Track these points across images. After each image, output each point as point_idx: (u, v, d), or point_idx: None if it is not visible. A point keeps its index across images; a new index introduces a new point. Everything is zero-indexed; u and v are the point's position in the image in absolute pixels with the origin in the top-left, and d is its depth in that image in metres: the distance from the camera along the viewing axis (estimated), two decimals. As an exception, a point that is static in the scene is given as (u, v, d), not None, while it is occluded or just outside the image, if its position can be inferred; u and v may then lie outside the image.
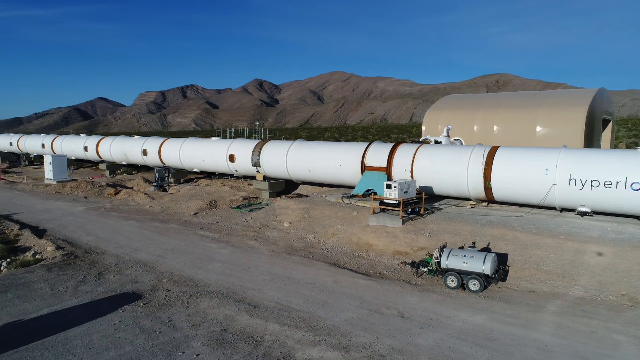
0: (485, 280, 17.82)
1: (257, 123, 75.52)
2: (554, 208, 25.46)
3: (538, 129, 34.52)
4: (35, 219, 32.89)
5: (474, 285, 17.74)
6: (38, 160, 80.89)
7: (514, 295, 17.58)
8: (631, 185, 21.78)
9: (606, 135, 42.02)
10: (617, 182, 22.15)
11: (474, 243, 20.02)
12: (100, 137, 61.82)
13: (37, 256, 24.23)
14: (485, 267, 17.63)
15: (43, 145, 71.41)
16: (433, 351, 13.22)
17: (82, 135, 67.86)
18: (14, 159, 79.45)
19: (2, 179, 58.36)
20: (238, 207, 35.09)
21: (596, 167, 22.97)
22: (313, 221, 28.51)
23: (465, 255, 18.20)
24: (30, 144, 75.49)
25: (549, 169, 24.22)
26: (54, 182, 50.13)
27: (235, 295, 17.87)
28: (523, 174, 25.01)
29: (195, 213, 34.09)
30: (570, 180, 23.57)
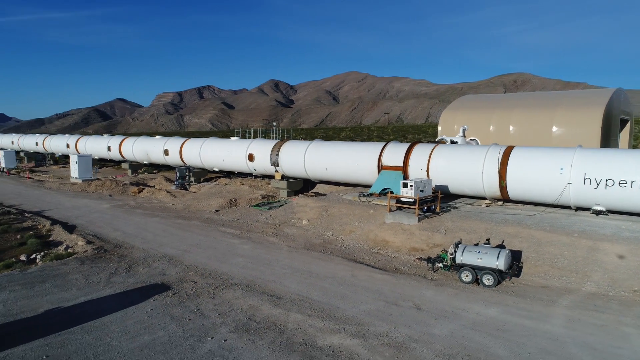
0: (499, 276, 18.38)
1: (275, 123, 76.63)
2: (569, 207, 25.80)
3: (554, 129, 34.73)
4: (65, 216, 34.39)
5: (488, 280, 18.32)
6: (62, 159, 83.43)
7: (527, 290, 18.11)
8: (646, 184, 22.06)
9: (624, 135, 41.88)
10: (631, 182, 22.44)
11: (488, 240, 20.56)
12: (123, 137, 63.63)
13: (68, 250, 25.55)
14: (499, 262, 18.19)
15: (67, 146, 73.67)
16: (448, 340, 13.90)
17: (105, 136, 69.88)
18: (40, 159, 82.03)
19: (30, 178, 60.56)
20: (257, 205, 36.09)
21: (611, 167, 23.28)
22: (331, 219, 29.32)
23: (479, 252, 18.78)
24: (55, 144, 77.91)
25: (563, 168, 24.58)
26: (80, 181, 51.94)
27: (258, 287, 18.79)
28: (538, 173, 25.41)
29: (217, 211, 35.19)
30: (585, 179, 23.91)
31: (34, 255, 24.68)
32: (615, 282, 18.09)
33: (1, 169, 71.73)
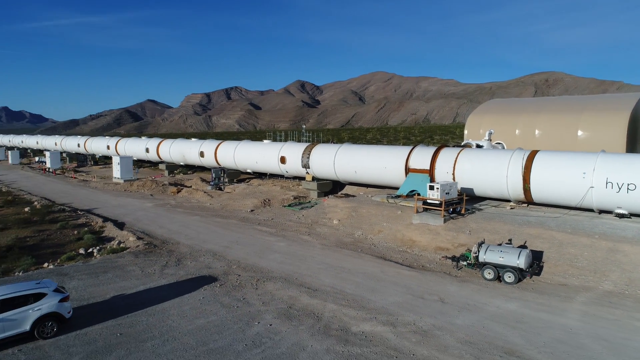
0: (520, 274, 19.70)
1: (304, 126, 78.69)
2: (592, 210, 26.69)
3: (580, 133, 35.39)
4: (113, 214, 37.23)
5: (509, 277, 19.67)
6: (102, 160, 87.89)
7: (546, 288, 19.38)
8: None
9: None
10: (653, 186, 23.25)
11: (510, 240, 21.86)
12: (160, 139, 66.87)
13: (121, 245, 28.11)
14: (520, 261, 19.52)
15: (108, 147, 77.72)
16: (469, 329, 15.42)
17: (143, 138, 73.41)
18: (82, 159, 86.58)
19: (75, 177, 64.50)
20: (290, 205, 38.09)
21: (632, 171, 24.12)
22: (360, 219, 31.01)
23: (501, 251, 20.14)
24: (96, 145, 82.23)
25: (586, 172, 25.53)
26: (122, 181, 55.23)
27: (295, 280, 20.68)
28: (561, 177, 26.40)
29: (252, 210, 37.36)
30: (607, 183, 24.82)
31: (91, 249, 27.34)
32: (632, 281, 19.15)
33: (47, 169, 76.37)
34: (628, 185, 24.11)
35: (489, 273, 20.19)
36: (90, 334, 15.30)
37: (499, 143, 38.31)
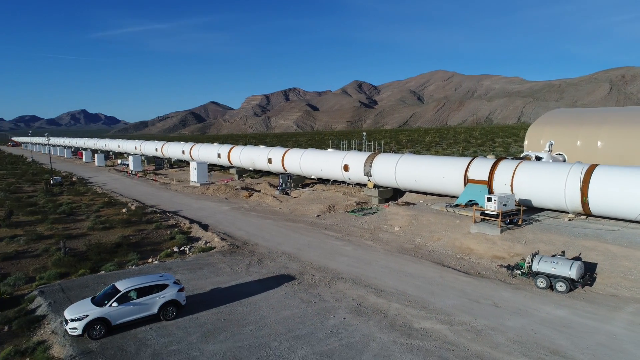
0: (571, 284, 21.31)
1: (365, 133, 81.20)
2: (651, 224, 27.27)
3: (644, 145, 35.38)
4: (196, 215, 42.00)
5: (560, 286, 21.34)
6: (177, 163, 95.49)
7: (597, 298, 20.86)
8: None
9: None
10: None
11: (563, 252, 23.38)
12: (231, 146, 72.22)
13: (208, 244, 32.36)
14: (572, 272, 21.14)
15: (183, 152, 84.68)
16: (519, 331, 17.53)
17: (215, 144, 79.35)
18: (159, 163, 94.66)
19: (156, 180, 71.38)
20: (353, 211, 40.98)
21: (693, 188, 24.64)
22: (420, 226, 33.29)
23: (554, 262, 21.83)
24: (172, 150, 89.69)
25: (645, 188, 26.24)
26: (198, 185, 60.79)
27: (362, 281, 23.55)
28: (619, 191, 27.24)
29: (318, 215, 40.67)
30: (666, 199, 25.46)
31: (183, 248, 31.81)
32: (684, 295, 20.18)
33: (131, 172, 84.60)
34: (688, 201, 24.65)
35: (542, 282, 21.94)
36: (201, 318, 19.07)
37: (560, 154, 38.94)
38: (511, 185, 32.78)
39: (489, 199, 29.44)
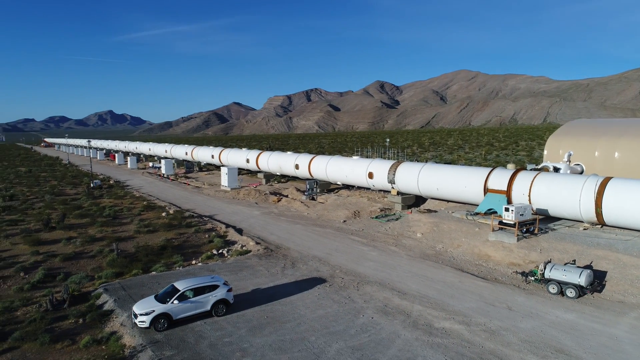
0: (580, 290, 23.24)
1: (388, 139, 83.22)
2: (663, 234, 28.79)
3: (661, 157, 36.63)
4: (230, 220, 45.03)
5: (570, 292, 23.30)
6: (206, 166, 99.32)
7: (604, 303, 22.75)
8: None
9: None
10: None
11: (574, 260, 25.28)
12: (259, 151, 75.35)
13: (244, 248, 35.23)
14: (581, 279, 23.07)
15: (212, 156, 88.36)
16: (529, 332, 19.67)
17: (243, 150, 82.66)
18: (189, 166, 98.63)
19: (189, 184, 75.08)
20: (377, 217, 43.32)
21: (701, 202, 26.14)
22: (441, 233, 35.44)
23: (564, 270, 23.79)
24: (202, 154, 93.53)
25: (656, 200, 27.83)
26: (229, 189, 64.05)
27: (387, 285, 25.94)
28: (631, 204, 28.86)
29: (344, 221, 43.17)
30: (676, 211, 27.02)
31: (221, 251, 34.75)
32: (686, 302, 21.91)
33: (163, 175, 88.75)
34: (697, 214, 26.18)
35: (553, 288, 23.92)
36: (247, 315, 21.84)
37: (578, 164, 40.45)
38: (529, 196, 34.59)
39: (507, 209, 31.40)
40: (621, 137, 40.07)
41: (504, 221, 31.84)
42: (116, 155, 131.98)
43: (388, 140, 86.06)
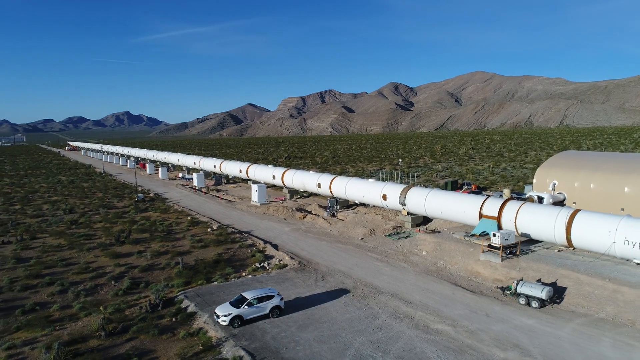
0: (542, 302, 30.97)
1: (400, 160, 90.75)
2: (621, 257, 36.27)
3: (626, 189, 43.90)
4: (266, 236, 53.45)
5: (534, 304, 31.05)
6: (232, 178, 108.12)
7: (559, 312, 30.47)
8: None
9: None
10: (655, 246, 32.68)
11: (539, 279, 32.99)
12: (284, 169, 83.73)
13: (281, 262, 43.53)
14: (542, 294, 30.81)
15: (240, 171, 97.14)
16: (498, 332, 27.52)
17: (269, 166, 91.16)
18: (218, 178, 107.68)
19: (222, 198, 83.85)
20: (390, 235, 51.32)
21: (644, 234, 33.56)
22: (442, 252, 43.31)
23: (531, 286, 31.55)
24: (230, 168, 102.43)
25: (610, 231, 35.36)
26: (259, 204, 72.62)
27: (397, 295, 33.98)
28: (593, 233, 36.35)
29: (362, 238, 51.26)
30: (625, 241, 34.52)
31: (262, 264, 43.10)
32: (619, 313, 29.51)
33: (196, 188, 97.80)
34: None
35: (522, 300, 31.70)
36: (294, 318, 30.11)
37: (561, 193, 47.94)
38: (515, 222, 42.25)
39: (494, 235, 39.17)
40: (596, 171, 47.42)
41: (492, 244, 39.60)
42: (147, 165, 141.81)
43: (400, 160, 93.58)
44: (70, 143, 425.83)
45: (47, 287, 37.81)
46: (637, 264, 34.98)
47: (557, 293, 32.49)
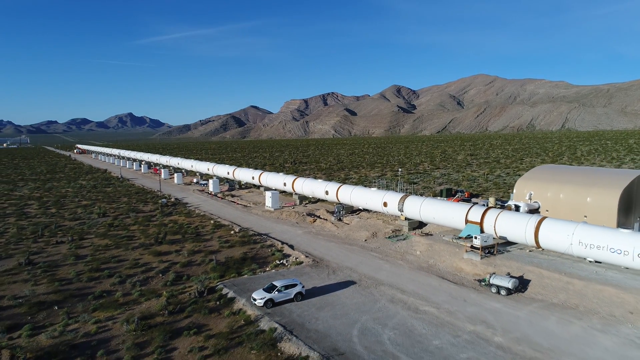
0: (509, 291, 39.12)
1: (400, 170, 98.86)
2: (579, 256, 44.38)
3: (588, 199, 52.04)
4: (282, 238, 61.67)
5: (503, 292, 39.21)
6: (245, 184, 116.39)
7: (521, 299, 38.60)
8: (610, 250, 40.39)
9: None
10: (604, 246, 40.80)
11: (508, 273, 41.19)
12: (294, 176, 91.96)
13: (297, 260, 51.72)
14: (509, 285, 38.96)
15: (252, 177, 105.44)
16: (472, 313, 35.65)
17: (280, 174, 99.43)
18: (232, 184, 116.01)
19: (238, 203, 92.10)
20: (389, 237, 59.49)
21: (595, 238, 41.64)
22: (434, 252, 51.48)
23: (501, 278, 39.71)
24: (243, 175, 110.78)
25: (569, 235, 43.49)
26: (272, 210, 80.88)
27: (395, 286, 42.14)
28: (555, 236, 44.45)
29: (365, 240, 59.44)
30: (579, 243, 42.63)
31: (282, 261, 51.31)
32: (568, 299, 37.63)
33: (212, 193, 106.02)
34: (590, 245, 41.76)
35: (494, 289, 39.85)
36: (313, 302, 38.32)
37: (536, 202, 56.07)
38: (494, 226, 50.39)
39: (475, 238, 47.34)
40: (566, 184, 55.53)
41: (473, 245, 47.75)
42: (162, 170, 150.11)
43: (400, 170, 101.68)
44: (79, 146, 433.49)
45: (107, 278, 46.14)
46: (590, 261, 43.10)
47: (523, 284, 40.64)
